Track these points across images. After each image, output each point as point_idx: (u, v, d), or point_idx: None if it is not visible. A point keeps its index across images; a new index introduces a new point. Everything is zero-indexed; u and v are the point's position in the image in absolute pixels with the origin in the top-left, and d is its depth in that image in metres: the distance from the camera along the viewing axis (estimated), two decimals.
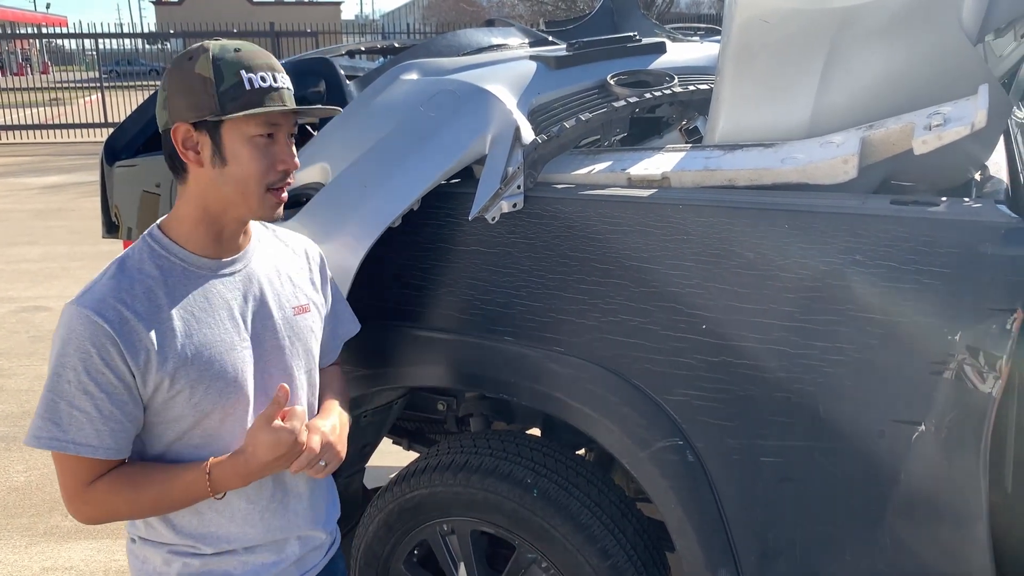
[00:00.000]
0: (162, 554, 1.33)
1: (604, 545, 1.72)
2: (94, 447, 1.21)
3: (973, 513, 1.39)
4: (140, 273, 1.25)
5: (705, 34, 3.34)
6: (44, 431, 1.21)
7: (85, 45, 17.67)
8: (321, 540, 1.47)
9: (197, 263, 1.29)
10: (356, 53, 2.96)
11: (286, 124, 1.27)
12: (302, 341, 1.39)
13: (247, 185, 1.24)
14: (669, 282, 1.55)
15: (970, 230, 1.34)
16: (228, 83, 1.22)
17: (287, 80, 1.28)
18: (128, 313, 1.20)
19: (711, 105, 1.79)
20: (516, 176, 1.68)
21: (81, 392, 1.20)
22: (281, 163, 1.26)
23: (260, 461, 1.24)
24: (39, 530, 3.15)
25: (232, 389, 1.28)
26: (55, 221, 8.63)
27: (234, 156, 1.24)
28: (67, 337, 1.20)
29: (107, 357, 1.19)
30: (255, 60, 1.24)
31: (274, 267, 1.39)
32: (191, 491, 1.26)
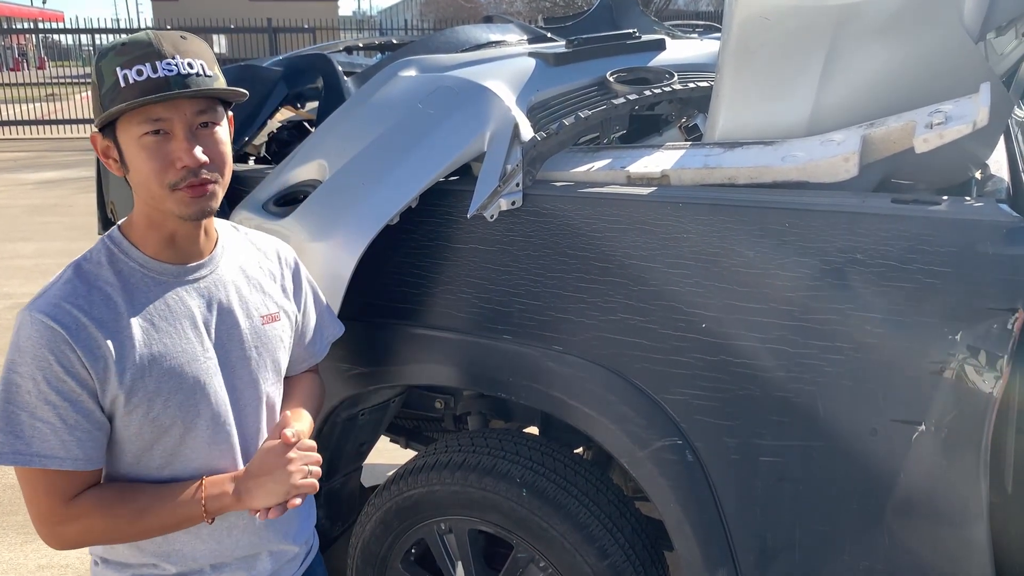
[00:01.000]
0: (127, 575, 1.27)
1: (602, 544, 1.72)
2: (60, 458, 1.14)
3: (973, 514, 1.38)
4: (97, 278, 1.18)
5: (703, 31, 3.33)
6: (6, 446, 1.12)
7: (82, 40, 17.63)
8: (294, 553, 1.42)
9: (158, 268, 1.22)
10: (354, 49, 2.95)
11: (178, 116, 1.14)
12: (270, 352, 1.32)
13: (149, 188, 1.16)
14: (668, 281, 1.54)
15: (971, 229, 1.33)
16: (107, 83, 1.14)
17: (183, 64, 1.13)
18: (85, 319, 1.14)
19: (711, 102, 1.78)
20: (515, 174, 1.67)
21: (42, 402, 1.12)
22: (177, 160, 1.14)
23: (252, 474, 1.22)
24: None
25: (192, 402, 1.21)
26: (51, 217, 8.60)
27: (131, 160, 1.16)
28: (22, 345, 1.12)
29: (66, 364, 1.12)
30: (134, 52, 1.13)
31: (243, 273, 1.32)
32: (183, 511, 1.20)
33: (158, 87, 1.12)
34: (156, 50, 1.13)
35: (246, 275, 1.32)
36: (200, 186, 1.16)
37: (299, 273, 1.44)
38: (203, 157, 1.16)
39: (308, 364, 1.50)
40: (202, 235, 1.26)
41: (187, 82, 1.13)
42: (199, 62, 1.16)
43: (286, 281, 1.40)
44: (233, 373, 1.28)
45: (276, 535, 1.37)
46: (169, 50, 1.14)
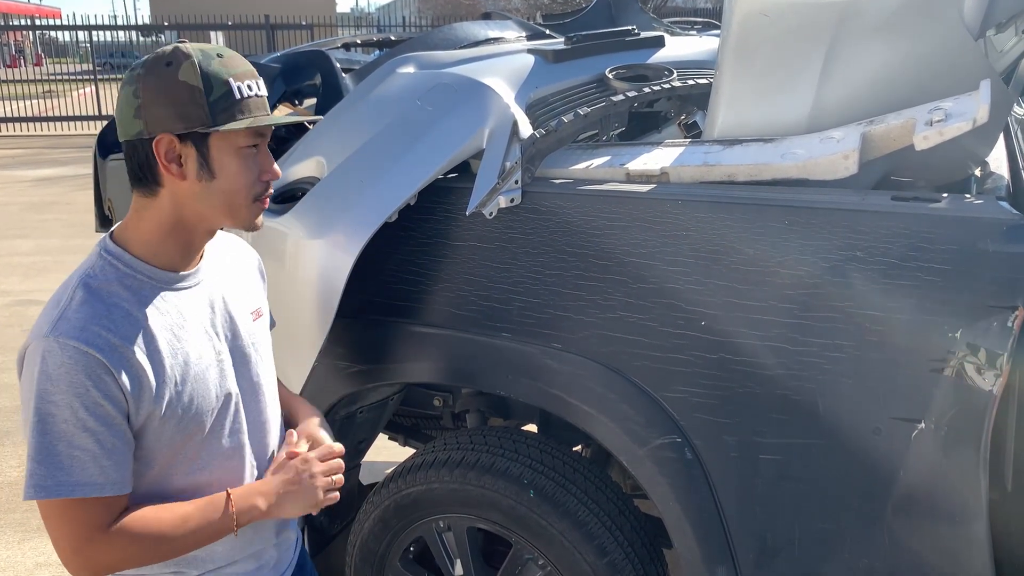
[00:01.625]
0: None
1: (601, 542, 1.72)
2: (100, 484, 1.12)
3: (973, 512, 1.38)
4: (111, 295, 1.16)
5: (702, 28, 3.33)
6: (48, 479, 1.10)
7: (79, 37, 17.58)
8: (294, 538, 1.46)
9: (164, 278, 1.21)
10: (352, 46, 2.94)
11: (268, 133, 1.23)
12: (264, 345, 1.36)
13: (235, 197, 1.19)
14: (668, 278, 1.54)
15: (971, 227, 1.33)
16: (218, 92, 1.15)
17: (264, 86, 1.25)
18: (115, 339, 1.12)
19: (710, 100, 1.78)
20: (514, 171, 1.67)
21: (80, 430, 1.10)
22: (266, 173, 1.22)
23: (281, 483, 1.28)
24: (32, 526, 3.14)
25: (214, 405, 1.23)
26: (48, 214, 8.59)
27: (222, 169, 1.17)
28: (53, 373, 1.09)
29: (103, 388, 1.10)
30: (240, 68, 1.19)
31: (227, 273, 1.34)
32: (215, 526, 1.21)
33: (263, 105, 1.21)
34: (251, 70, 1.21)
35: (230, 275, 1.34)
36: (267, 200, 1.25)
37: (263, 276, 1.46)
38: (279, 171, 1.26)
39: None
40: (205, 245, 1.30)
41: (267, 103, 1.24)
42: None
43: (260, 279, 1.44)
44: (239, 371, 1.30)
45: (282, 524, 1.41)
46: (252, 69, 1.23)
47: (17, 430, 3.91)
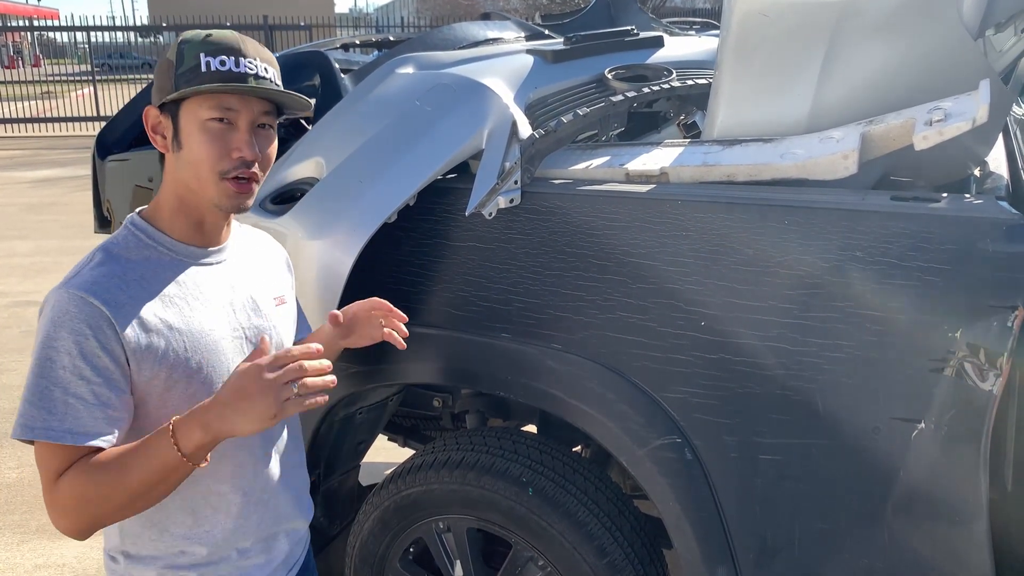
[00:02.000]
0: (155, 570, 1.25)
1: (601, 543, 1.72)
2: (91, 435, 1.12)
3: (973, 512, 1.38)
4: (128, 260, 1.20)
5: (701, 28, 3.33)
6: (37, 420, 1.11)
7: (77, 38, 17.56)
8: (303, 532, 1.46)
9: (184, 251, 1.25)
10: (351, 46, 2.94)
11: (246, 111, 1.20)
12: (285, 330, 1.39)
13: (199, 170, 1.20)
14: (667, 278, 1.54)
15: (971, 226, 1.33)
16: (187, 65, 1.19)
17: (261, 67, 1.21)
18: (123, 297, 1.15)
19: (710, 100, 1.78)
20: (513, 171, 1.67)
21: (76, 377, 1.12)
22: (235, 150, 1.19)
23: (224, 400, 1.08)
24: (31, 527, 3.13)
25: (222, 377, 1.23)
26: (47, 215, 8.58)
27: (188, 140, 1.20)
28: (58, 319, 1.12)
29: (103, 339, 1.12)
30: (220, 44, 1.20)
31: (254, 259, 1.38)
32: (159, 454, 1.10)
33: (237, 80, 1.19)
34: (240, 48, 1.21)
35: (256, 261, 1.38)
36: (247, 181, 1.22)
37: (290, 270, 1.50)
38: (258, 153, 1.22)
39: None
40: (226, 224, 1.31)
41: (262, 83, 1.21)
42: (273, 70, 1.24)
43: (286, 272, 1.47)
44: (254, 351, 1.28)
45: (291, 512, 1.39)
46: (252, 51, 1.22)
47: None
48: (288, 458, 1.39)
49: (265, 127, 1.24)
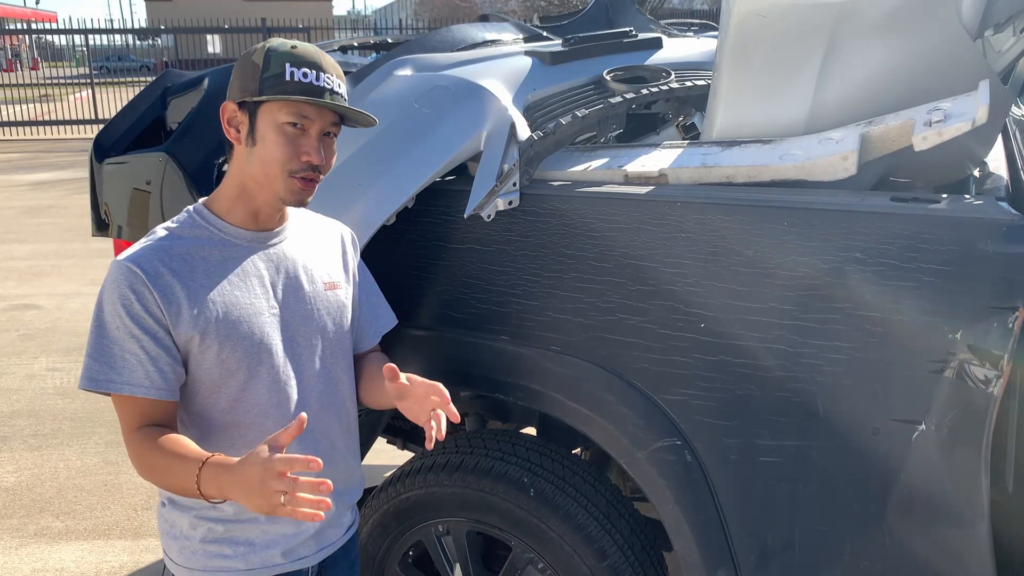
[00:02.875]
0: (188, 518, 1.39)
1: (601, 545, 1.71)
2: (146, 387, 1.28)
3: (974, 513, 1.38)
4: (180, 238, 1.35)
5: (699, 30, 3.33)
6: (100, 373, 1.28)
7: (75, 41, 17.54)
8: (341, 513, 1.51)
9: (235, 234, 1.38)
10: (349, 49, 2.94)
11: (319, 120, 1.33)
12: (331, 315, 1.46)
13: (270, 167, 1.32)
14: (667, 280, 1.53)
15: (971, 227, 1.32)
16: (272, 72, 1.31)
17: (337, 84, 1.34)
18: (163, 269, 1.30)
19: (708, 101, 1.77)
20: (512, 173, 1.66)
21: (128, 336, 1.28)
22: (304, 154, 1.32)
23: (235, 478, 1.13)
24: (29, 531, 3.13)
25: (257, 350, 1.35)
26: (44, 218, 8.57)
27: (263, 138, 1.33)
28: (110, 286, 1.29)
29: (144, 303, 1.28)
30: (304, 58, 1.32)
31: (308, 245, 1.47)
32: (185, 479, 1.20)
33: (316, 92, 1.32)
34: (320, 64, 1.33)
35: (311, 246, 1.48)
36: (311, 181, 1.35)
37: (355, 252, 1.57)
38: (323, 159, 1.35)
39: (361, 348, 1.59)
40: (279, 214, 1.43)
41: (335, 98, 1.34)
42: (346, 86, 1.38)
43: (347, 257, 1.55)
44: (296, 331, 1.41)
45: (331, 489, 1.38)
46: (329, 67, 1.35)
47: (13, 436, 3.89)
48: (329, 439, 1.47)
49: (330, 135, 1.37)
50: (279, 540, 1.42)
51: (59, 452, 3.74)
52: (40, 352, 4.93)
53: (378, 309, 1.61)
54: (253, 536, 1.40)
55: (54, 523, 3.18)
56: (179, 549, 1.41)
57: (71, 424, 4.02)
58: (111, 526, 3.16)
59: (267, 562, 1.41)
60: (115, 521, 3.20)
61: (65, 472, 3.57)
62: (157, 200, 2.17)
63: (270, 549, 1.41)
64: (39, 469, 3.58)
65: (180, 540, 1.41)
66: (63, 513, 3.25)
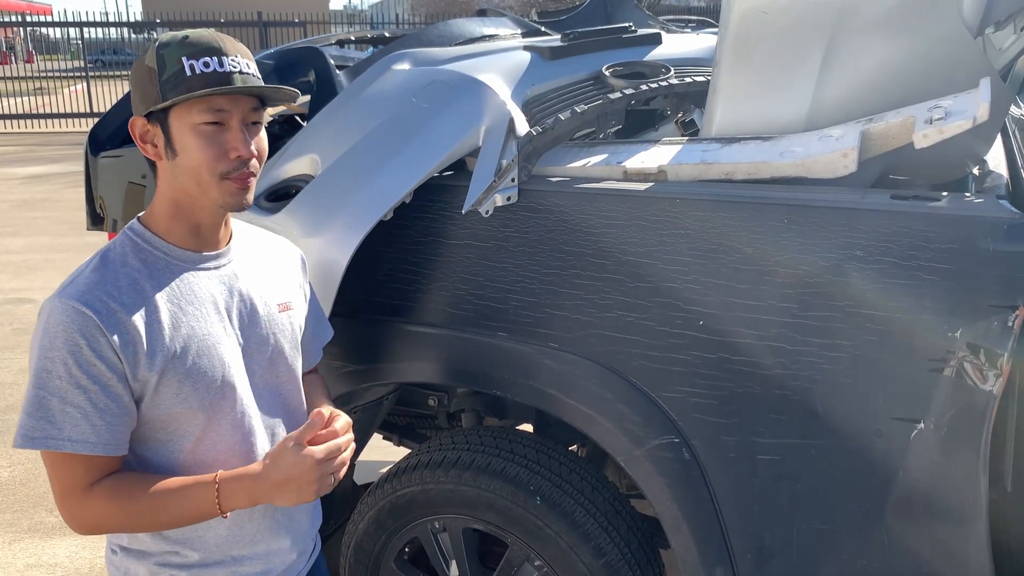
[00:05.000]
0: (147, 566, 1.28)
1: (598, 543, 1.70)
2: (92, 443, 1.16)
3: (973, 512, 1.37)
4: (124, 266, 1.21)
5: (697, 26, 3.32)
6: (37, 431, 1.15)
7: (70, 34, 17.45)
8: (309, 544, 1.44)
9: (181, 256, 1.25)
10: (346, 43, 2.92)
11: (236, 109, 1.20)
12: (287, 338, 1.36)
13: (199, 175, 1.20)
14: (666, 277, 1.53)
15: (971, 225, 1.32)
16: (170, 71, 1.18)
17: (243, 64, 1.21)
18: (115, 304, 1.17)
19: (708, 97, 1.77)
20: (510, 169, 1.65)
21: (73, 387, 1.15)
22: (232, 150, 1.20)
23: (273, 480, 1.18)
24: (23, 526, 3.11)
25: (220, 385, 1.24)
26: (39, 212, 8.54)
27: (182, 147, 1.20)
28: (53, 331, 1.15)
29: (97, 348, 1.15)
30: (200, 45, 1.19)
31: (258, 263, 1.36)
32: (197, 507, 1.19)
33: (223, 80, 1.18)
34: (219, 47, 1.19)
35: (261, 266, 1.36)
36: (246, 178, 1.22)
37: (304, 272, 1.48)
38: (255, 150, 1.23)
39: (308, 365, 1.50)
40: (223, 226, 1.30)
41: (247, 79, 1.20)
42: (253, 65, 1.24)
43: (296, 275, 1.44)
44: (252, 358, 1.31)
45: (296, 523, 1.39)
46: (231, 48, 1.21)
47: (7, 430, 3.88)
48: None
49: (256, 124, 1.24)
50: None
51: None
52: None
53: (321, 323, 1.53)
54: None
55: (48, 518, 3.17)
56: None
57: None
58: None
59: None
60: None
61: None
62: (152, 194, 2.15)
63: None
64: (32, 464, 3.56)
65: None
66: (56, 508, 3.24)
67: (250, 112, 1.22)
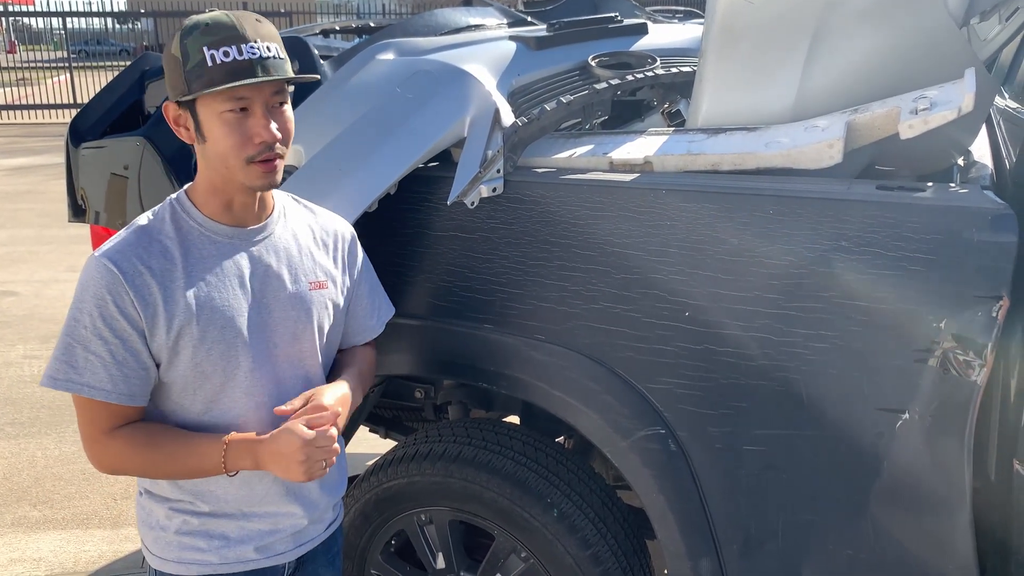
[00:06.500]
0: (164, 509, 1.37)
1: (585, 534, 1.71)
2: (107, 391, 1.25)
3: (957, 501, 1.38)
4: (159, 232, 1.29)
5: (684, 16, 3.31)
6: (60, 373, 1.25)
7: (53, 24, 17.27)
8: (322, 511, 1.48)
9: (214, 229, 1.32)
10: (331, 33, 2.90)
11: (259, 95, 1.25)
12: (316, 315, 1.40)
13: (226, 160, 1.26)
14: (652, 269, 1.52)
15: (957, 216, 1.32)
16: (193, 62, 1.23)
17: (263, 48, 1.24)
18: (142, 267, 1.25)
19: (694, 88, 1.76)
20: (496, 160, 1.64)
21: (96, 337, 1.24)
22: (256, 135, 1.25)
23: (268, 451, 1.26)
24: (6, 521, 3.09)
25: (233, 353, 1.30)
26: (22, 204, 8.45)
27: (210, 133, 1.26)
28: (85, 284, 1.24)
29: (120, 304, 1.23)
30: (221, 32, 1.23)
31: (295, 241, 1.40)
32: (205, 462, 1.28)
33: (244, 69, 1.22)
34: (240, 33, 1.23)
35: (298, 243, 1.41)
36: (271, 161, 1.27)
37: (355, 249, 1.52)
38: (278, 133, 1.27)
39: (363, 338, 1.56)
40: (257, 204, 1.35)
41: (267, 65, 1.24)
42: (275, 46, 1.27)
43: (340, 253, 1.48)
44: (274, 331, 1.35)
45: (310, 489, 1.45)
46: (251, 33, 1.24)
47: None
48: None
49: (280, 104, 1.29)
50: (254, 536, 1.39)
51: (37, 440, 3.70)
52: (17, 339, 4.87)
53: (379, 297, 1.58)
54: (228, 531, 1.38)
55: (31, 512, 3.14)
56: (154, 539, 1.39)
57: (49, 412, 3.97)
58: (89, 515, 3.13)
59: (241, 557, 1.39)
60: (93, 510, 3.17)
61: (43, 461, 3.52)
62: (135, 185, 2.13)
63: (244, 544, 1.38)
64: (16, 458, 3.54)
65: (156, 530, 1.39)
66: (41, 502, 3.22)
67: (272, 96, 1.27)
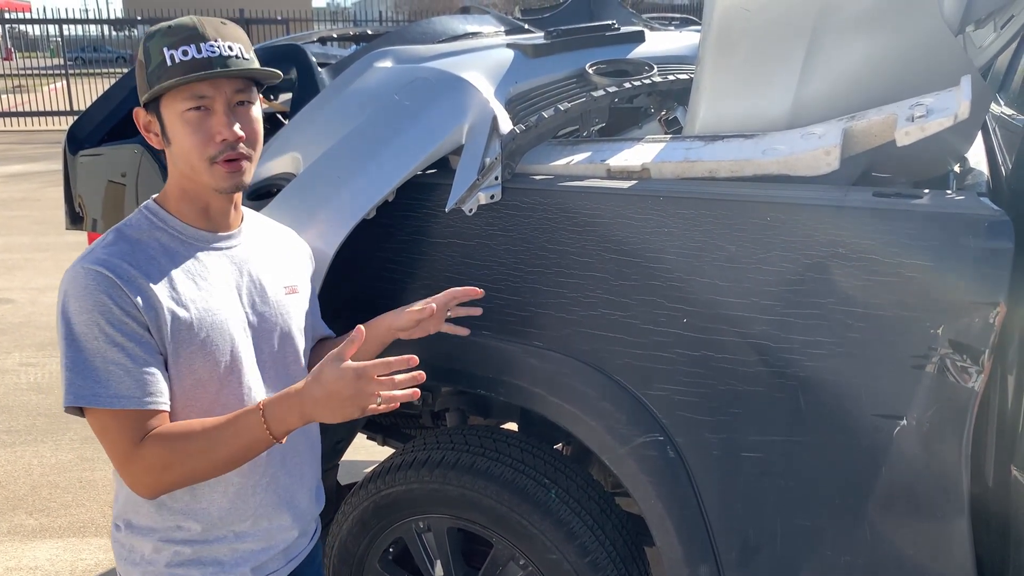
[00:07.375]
0: (151, 542, 1.30)
1: (583, 542, 1.70)
2: (137, 398, 1.18)
3: (954, 508, 1.38)
4: (140, 240, 1.26)
5: (680, 24, 3.32)
6: (85, 390, 1.17)
7: (50, 31, 17.27)
8: (311, 525, 1.47)
9: (193, 235, 1.30)
10: (328, 40, 2.90)
11: (219, 93, 1.23)
12: (293, 320, 1.41)
13: (190, 159, 1.24)
14: (650, 275, 1.52)
15: (953, 222, 1.32)
16: (154, 63, 1.23)
17: (224, 47, 1.23)
18: (134, 272, 1.21)
19: (691, 95, 1.77)
20: (494, 167, 1.65)
21: (110, 345, 1.17)
22: (216, 134, 1.23)
23: (315, 395, 1.14)
24: (2, 529, 3.08)
25: (229, 359, 1.28)
26: (18, 211, 8.44)
27: (173, 134, 1.25)
28: (79, 294, 1.18)
29: (123, 306, 1.18)
30: (181, 34, 1.23)
31: (266, 248, 1.41)
32: (250, 436, 1.17)
33: (202, 67, 1.21)
34: (200, 33, 1.23)
35: (269, 250, 1.41)
36: (236, 161, 1.25)
37: (311, 266, 1.54)
38: (240, 132, 1.25)
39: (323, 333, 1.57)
40: (232, 208, 1.34)
41: (228, 63, 1.23)
42: (238, 46, 1.26)
43: (303, 263, 1.50)
44: (261, 336, 1.35)
45: (298, 501, 1.42)
46: (212, 33, 1.24)
47: None
48: (297, 448, 1.42)
49: (244, 104, 1.27)
50: (248, 557, 1.35)
51: (33, 448, 3.69)
52: (13, 347, 4.86)
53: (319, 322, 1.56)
54: (222, 555, 1.33)
55: (28, 521, 3.13)
56: (141, 575, 1.32)
57: (45, 420, 3.96)
58: (86, 524, 3.12)
59: None
60: (90, 518, 3.15)
61: (39, 469, 3.51)
62: (132, 192, 2.13)
63: (240, 567, 1.35)
64: (12, 466, 3.52)
65: (142, 566, 1.31)
66: (37, 510, 3.20)
67: (235, 94, 1.25)
